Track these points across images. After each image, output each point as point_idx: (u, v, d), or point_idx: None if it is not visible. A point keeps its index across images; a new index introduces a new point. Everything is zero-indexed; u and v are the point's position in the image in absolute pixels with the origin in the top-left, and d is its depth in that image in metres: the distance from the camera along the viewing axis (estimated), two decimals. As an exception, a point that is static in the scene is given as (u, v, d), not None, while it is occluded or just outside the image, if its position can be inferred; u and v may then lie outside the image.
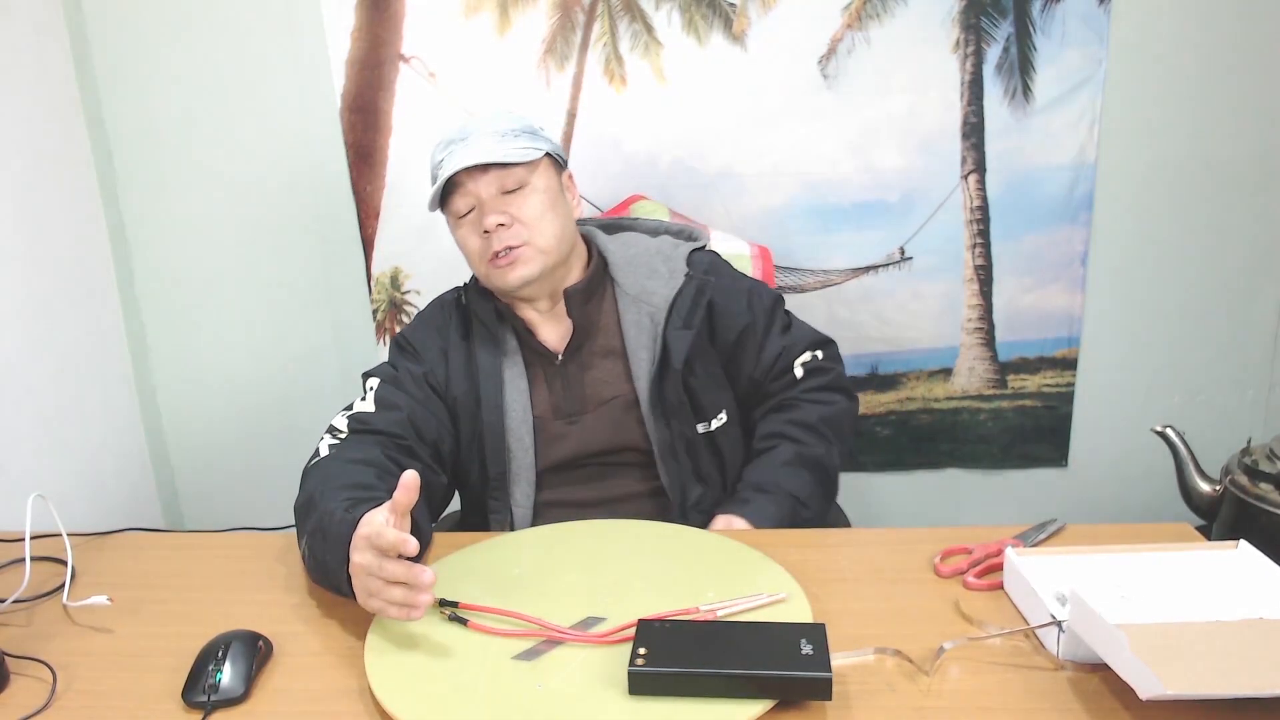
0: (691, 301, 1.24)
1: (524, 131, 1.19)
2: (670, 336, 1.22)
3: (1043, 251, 1.81)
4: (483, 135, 1.17)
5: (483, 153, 1.15)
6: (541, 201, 1.18)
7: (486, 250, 1.18)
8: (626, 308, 1.26)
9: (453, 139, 1.19)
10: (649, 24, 1.70)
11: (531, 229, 1.18)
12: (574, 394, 1.25)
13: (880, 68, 1.71)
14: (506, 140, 1.17)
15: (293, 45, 1.73)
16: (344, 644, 0.92)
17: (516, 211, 1.17)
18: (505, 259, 1.18)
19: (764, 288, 1.34)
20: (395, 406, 1.19)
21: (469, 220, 1.19)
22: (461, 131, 1.19)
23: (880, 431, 1.93)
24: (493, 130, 1.17)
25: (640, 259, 1.28)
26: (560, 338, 1.26)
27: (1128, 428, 1.88)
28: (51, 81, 1.68)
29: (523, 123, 1.21)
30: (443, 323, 1.29)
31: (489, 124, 1.19)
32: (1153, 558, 0.99)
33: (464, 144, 1.17)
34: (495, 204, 1.17)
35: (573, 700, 0.81)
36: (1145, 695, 0.74)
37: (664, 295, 1.25)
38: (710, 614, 0.91)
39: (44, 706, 0.85)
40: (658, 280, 1.26)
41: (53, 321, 1.65)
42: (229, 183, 1.81)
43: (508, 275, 1.18)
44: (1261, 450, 1.33)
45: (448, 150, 1.18)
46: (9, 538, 1.13)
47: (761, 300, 1.30)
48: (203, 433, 1.95)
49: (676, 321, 1.23)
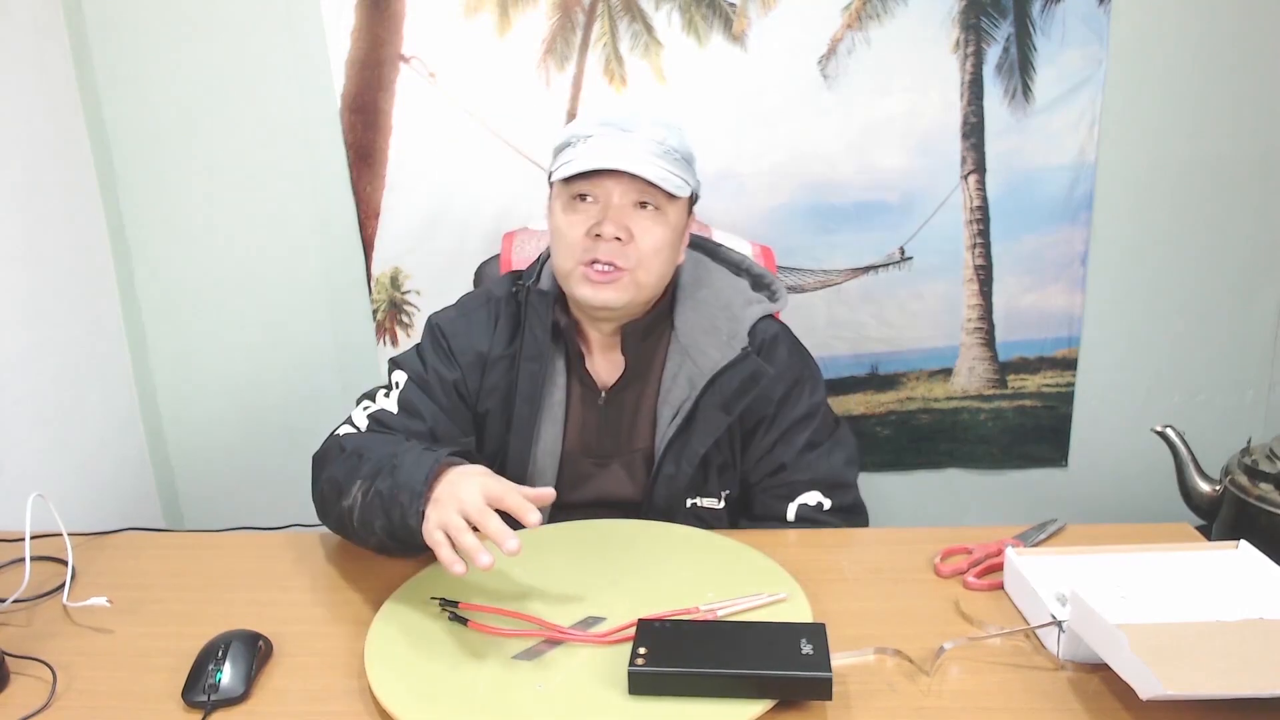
0: (739, 386, 1.13)
1: (684, 158, 1.11)
2: (702, 412, 1.13)
3: (1043, 251, 1.81)
4: (647, 139, 1.07)
5: (642, 162, 1.05)
6: (664, 237, 1.09)
7: (587, 252, 1.08)
8: (673, 356, 1.16)
9: (613, 121, 1.08)
10: (649, 24, 1.70)
11: (643, 259, 1.08)
12: (609, 435, 1.18)
13: (880, 68, 1.71)
14: (667, 159, 1.08)
15: (293, 45, 1.72)
16: (344, 644, 0.92)
17: (639, 233, 1.08)
18: (603, 274, 1.08)
19: (811, 389, 1.19)
20: (419, 415, 1.13)
21: (584, 209, 1.09)
22: (626, 120, 1.08)
23: (880, 431, 1.93)
24: (657, 138, 1.08)
25: (706, 307, 1.17)
26: (610, 372, 1.18)
27: (1128, 428, 1.88)
28: (51, 81, 1.68)
29: (685, 148, 1.12)
30: (488, 325, 1.18)
31: (655, 128, 1.09)
32: (1153, 558, 0.99)
33: (626, 136, 1.07)
34: (623, 214, 1.07)
35: (573, 700, 0.81)
36: (1145, 695, 0.74)
37: (713, 361, 1.13)
38: (710, 614, 0.91)
39: (44, 706, 0.85)
40: (713, 340, 1.15)
41: (53, 321, 1.65)
42: (229, 183, 1.81)
43: (597, 291, 1.09)
44: (1261, 450, 1.33)
45: (603, 129, 1.07)
46: (9, 538, 1.13)
47: (796, 403, 1.17)
48: (203, 433, 1.95)
49: (714, 398, 1.13)
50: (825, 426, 1.20)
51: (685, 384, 1.14)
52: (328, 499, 1.05)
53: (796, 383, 1.18)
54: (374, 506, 0.95)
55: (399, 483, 0.93)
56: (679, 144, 1.10)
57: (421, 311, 1.85)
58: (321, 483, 1.06)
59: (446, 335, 1.17)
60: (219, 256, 1.85)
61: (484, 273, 1.54)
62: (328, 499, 1.05)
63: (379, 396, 1.15)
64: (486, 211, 1.78)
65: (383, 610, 0.95)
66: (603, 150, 1.06)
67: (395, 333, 1.87)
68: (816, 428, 1.18)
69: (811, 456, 1.17)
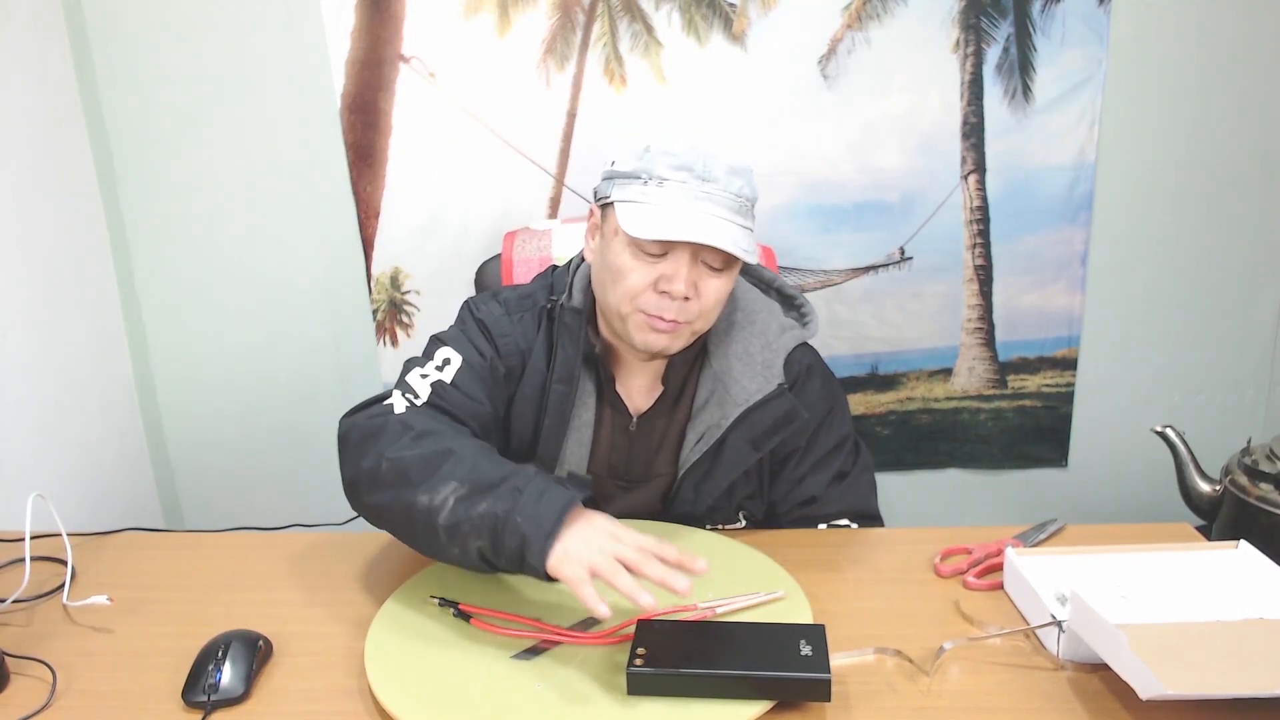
0: (771, 425, 1.09)
1: (751, 203, 1.04)
2: (730, 445, 1.10)
3: (1043, 251, 1.81)
4: (724, 192, 1.00)
5: (724, 227, 0.99)
6: (726, 289, 1.05)
7: (648, 303, 1.02)
8: (705, 382, 1.12)
9: (691, 166, 1.00)
10: (649, 24, 1.70)
11: (705, 313, 1.04)
12: (639, 459, 1.14)
13: (880, 68, 1.71)
14: (743, 214, 1.02)
15: (293, 45, 1.72)
16: (344, 644, 0.92)
17: (705, 290, 1.02)
18: (665, 326, 1.03)
19: (840, 419, 1.17)
20: (475, 398, 1.06)
21: (650, 258, 1.01)
22: (704, 166, 1.00)
23: (880, 431, 1.93)
24: (734, 190, 1.01)
25: (740, 331, 1.13)
26: (641, 395, 1.14)
27: (1128, 428, 1.88)
28: (51, 81, 1.68)
29: (755, 192, 1.05)
30: (532, 335, 1.12)
31: (733, 177, 1.01)
32: (1153, 558, 0.99)
33: (705, 190, 1.00)
34: (693, 272, 1.01)
35: (572, 700, 0.81)
36: (1145, 695, 0.74)
37: (747, 393, 1.09)
38: (709, 611, 0.91)
39: (44, 706, 0.85)
40: (747, 369, 1.10)
41: (53, 322, 1.65)
42: (229, 183, 1.81)
43: (656, 340, 1.04)
44: (1261, 450, 1.33)
45: (680, 173, 1.00)
46: (9, 538, 1.13)
47: (828, 435, 1.15)
48: (203, 433, 1.95)
49: (745, 432, 1.09)
50: (852, 453, 1.19)
51: (716, 411, 1.10)
52: (385, 479, 0.95)
53: (829, 413, 1.16)
54: (480, 525, 0.88)
55: (526, 514, 0.86)
56: (751, 191, 1.04)
57: (421, 311, 1.85)
58: (380, 459, 0.95)
59: (493, 333, 1.12)
60: (219, 256, 1.85)
61: (484, 273, 1.54)
62: (385, 479, 0.95)
63: (430, 368, 1.07)
64: (486, 211, 1.78)
65: (383, 610, 0.95)
66: (684, 214, 0.99)
67: (395, 333, 1.87)
68: (845, 456, 1.17)
69: (841, 487, 1.16)
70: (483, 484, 0.90)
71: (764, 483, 1.16)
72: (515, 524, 0.86)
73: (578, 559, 0.83)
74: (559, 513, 0.86)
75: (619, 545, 0.84)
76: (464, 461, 0.92)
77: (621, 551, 0.84)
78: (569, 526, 0.86)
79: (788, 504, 1.16)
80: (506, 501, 0.87)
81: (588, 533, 0.86)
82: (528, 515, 0.86)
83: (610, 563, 0.83)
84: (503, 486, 0.89)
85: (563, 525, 0.85)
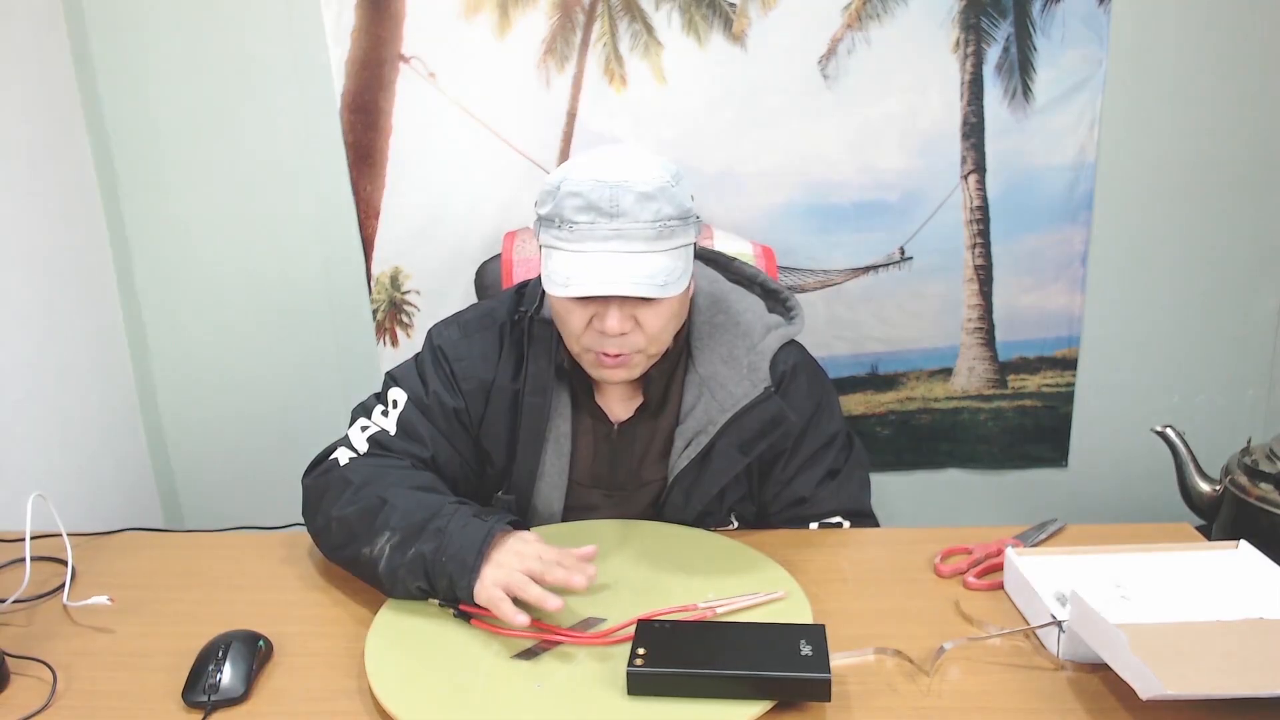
0: (759, 429, 1.08)
1: (680, 217, 0.98)
2: (719, 450, 1.09)
3: (1043, 251, 1.81)
4: (635, 224, 0.95)
5: (637, 270, 0.95)
6: (670, 310, 1.02)
7: (592, 342, 1.03)
8: (690, 387, 1.10)
9: (598, 204, 0.95)
10: (649, 24, 1.70)
11: (653, 338, 1.02)
12: (622, 467, 1.14)
13: (880, 68, 1.71)
14: (662, 238, 0.96)
15: (293, 45, 1.72)
16: (344, 644, 0.93)
17: (643, 319, 1.00)
18: (611, 361, 1.03)
19: (829, 416, 1.16)
20: (419, 439, 1.09)
21: (580, 301, 1.01)
22: (611, 199, 0.95)
23: (880, 431, 1.93)
24: (647, 217, 0.95)
25: (723, 333, 1.11)
26: (621, 404, 1.13)
27: (1128, 428, 1.88)
28: (51, 81, 1.68)
29: (678, 202, 0.98)
30: (493, 352, 1.12)
31: (643, 205, 0.95)
32: (1153, 558, 0.99)
33: (614, 230, 0.95)
34: (625, 307, 0.99)
35: (572, 700, 0.81)
36: (1145, 695, 0.74)
37: (734, 397, 1.08)
38: (709, 611, 0.91)
39: (44, 706, 0.85)
40: (733, 372, 1.09)
41: (53, 321, 1.65)
42: (229, 183, 1.81)
43: (611, 374, 1.05)
44: (1261, 450, 1.33)
45: (586, 215, 0.96)
46: (9, 538, 1.13)
47: (816, 434, 1.14)
48: (203, 433, 1.95)
49: (733, 437, 1.08)
50: (843, 450, 1.17)
51: (703, 417, 1.09)
52: (335, 539, 1.02)
53: (817, 409, 1.14)
54: (414, 568, 0.94)
55: (449, 553, 0.92)
56: (673, 207, 0.97)
57: (421, 311, 1.85)
58: (329, 519, 1.02)
59: (449, 359, 1.12)
60: (219, 256, 1.85)
61: (484, 272, 1.54)
62: (335, 539, 1.02)
63: (376, 414, 1.11)
64: (486, 211, 1.78)
65: (383, 610, 0.95)
66: (594, 262, 0.96)
67: (395, 333, 1.87)
68: (835, 454, 1.16)
69: (832, 486, 1.15)
70: (412, 529, 0.96)
71: (753, 485, 1.16)
72: (442, 564, 0.93)
73: (494, 583, 0.91)
74: (478, 547, 0.92)
75: (525, 560, 0.92)
76: (396, 509, 0.98)
77: (528, 565, 0.91)
78: (487, 558, 0.93)
79: (778, 505, 1.16)
80: (432, 543, 0.94)
81: (501, 556, 0.93)
82: (451, 555, 0.93)
83: (519, 578, 0.90)
84: (429, 529, 0.95)
85: (482, 559, 0.92)
